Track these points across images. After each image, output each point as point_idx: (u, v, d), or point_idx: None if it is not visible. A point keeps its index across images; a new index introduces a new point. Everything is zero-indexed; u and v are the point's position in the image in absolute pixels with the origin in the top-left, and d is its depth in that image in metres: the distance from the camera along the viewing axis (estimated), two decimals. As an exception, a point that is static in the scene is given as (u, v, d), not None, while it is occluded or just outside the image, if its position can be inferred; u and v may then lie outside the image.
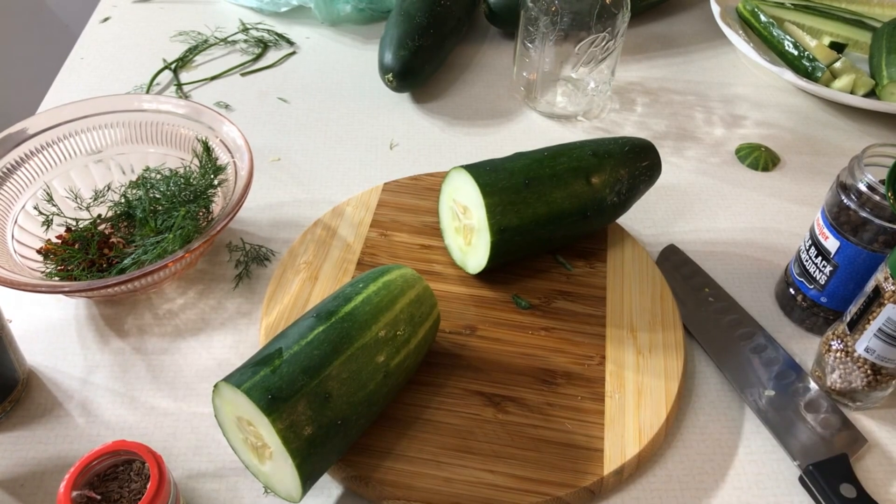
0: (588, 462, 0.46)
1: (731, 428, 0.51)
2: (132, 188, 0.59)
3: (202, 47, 0.84)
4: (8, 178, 0.58)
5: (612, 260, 0.59)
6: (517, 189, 0.52)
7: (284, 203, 0.66)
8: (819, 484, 0.46)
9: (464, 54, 0.85)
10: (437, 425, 0.48)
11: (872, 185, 0.48)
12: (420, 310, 0.47)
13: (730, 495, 0.47)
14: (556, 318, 0.55)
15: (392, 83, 0.75)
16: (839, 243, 0.51)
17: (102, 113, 0.62)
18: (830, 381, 0.51)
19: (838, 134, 0.76)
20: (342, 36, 0.88)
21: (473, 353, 0.52)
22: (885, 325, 0.46)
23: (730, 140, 0.74)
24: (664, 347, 0.53)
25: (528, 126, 0.76)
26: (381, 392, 0.44)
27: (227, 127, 0.60)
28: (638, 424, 0.48)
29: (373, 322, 0.44)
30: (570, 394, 0.50)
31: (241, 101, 0.78)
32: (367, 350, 0.43)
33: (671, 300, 0.56)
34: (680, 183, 0.70)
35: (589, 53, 0.71)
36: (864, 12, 0.87)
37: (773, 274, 0.60)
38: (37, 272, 0.55)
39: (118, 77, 0.80)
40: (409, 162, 0.71)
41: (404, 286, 0.47)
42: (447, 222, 0.58)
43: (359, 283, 0.46)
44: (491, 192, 0.52)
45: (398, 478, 0.45)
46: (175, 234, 0.54)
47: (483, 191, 0.52)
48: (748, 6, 0.86)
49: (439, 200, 0.58)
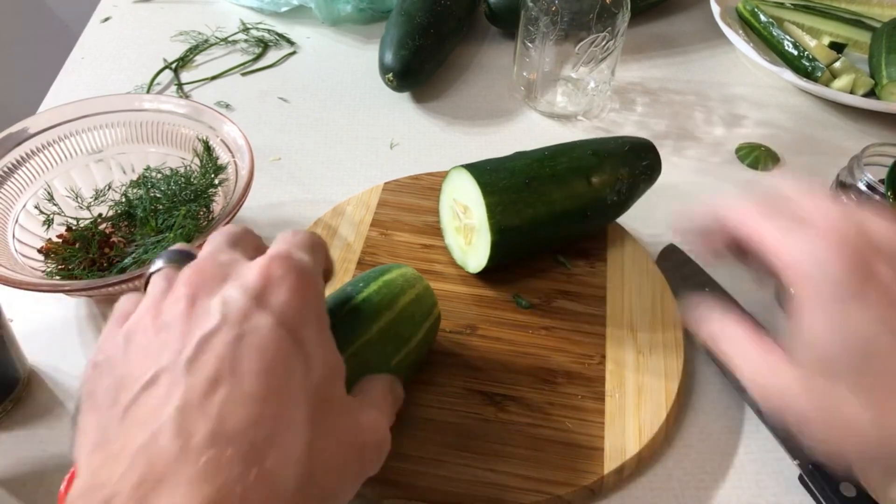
0: (588, 461, 0.46)
1: (731, 427, 0.51)
2: (133, 187, 0.59)
3: (202, 47, 0.84)
4: (9, 177, 0.58)
5: (613, 259, 0.59)
6: (518, 189, 0.52)
7: (285, 202, 0.66)
8: (819, 483, 0.46)
9: (464, 54, 0.85)
10: (437, 424, 0.48)
11: (872, 184, 0.48)
12: (421, 309, 0.47)
13: (730, 494, 0.47)
14: (557, 318, 0.55)
15: (392, 83, 0.75)
16: (839, 243, 0.51)
17: (103, 112, 0.62)
18: (830, 380, 0.51)
19: (838, 134, 0.76)
20: (343, 36, 0.88)
21: (474, 353, 0.52)
22: (885, 325, 0.46)
23: (730, 140, 0.74)
24: (664, 347, 0.53)
25: (529, 126, 0.76)
26: None
27: (227, 126, 0.60)
28: (638, 423, 0.48)
29: (373, 321, 0.44)
30: (571, 393, 0.50)
31: (241, 101, 0.78)
32: (367, 349, 0.43)
33: (671, 300, 0.56)
34: (680, 182, 0.70)
35: (589, 53, 0.71)
36: (864, 12, 0.87)
37: (773, 273, 0.60)
38: (38, 271, 0.55)
39: (119, 77, 0.81)
40: (409, 161, 0.71)
41: (405, 285, 0.47)
42: (447, 222, 0.58)
43: (359, 282, 0.47)
44: (492, 191, 0.52)
45: (398, 477, 0.45)
46: (176, 233, 0.54)
47: (484, 190, 0.52)
48: (748, 6, 0.86)
49: (440, 200, 0.58)
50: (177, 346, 0.29)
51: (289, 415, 0.28)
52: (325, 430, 0.30)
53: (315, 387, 0.30)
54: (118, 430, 0.28)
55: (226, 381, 0.28)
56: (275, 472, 0.27)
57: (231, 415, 0.27)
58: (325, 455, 0.29)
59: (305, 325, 0.31)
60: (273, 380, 0.29)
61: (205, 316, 0.30)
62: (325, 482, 0.29)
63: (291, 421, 0.28)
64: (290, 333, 0.30)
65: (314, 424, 0.29)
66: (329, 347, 0.32)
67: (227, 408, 0.27)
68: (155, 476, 0.26)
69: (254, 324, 0.30)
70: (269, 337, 0.29)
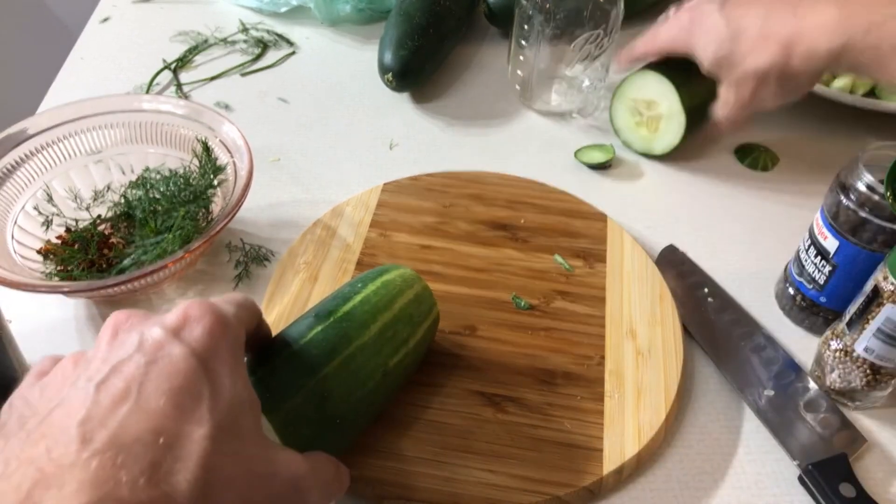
0: (588, 462, 0.46)
1: (730, 428, 0.51)
2: (132, 188, 0.59)
3: (202, 47, 0.84)
4: (8, 178, 0.58)
5: (612, 260, 0.59)
6: (688, 78, 0.67)
7: (284, 203, 0.66)
8: (819, 483, 0.46)
9: (463, 54, 0.85)
10: (437, 425, 0.48)
11: (872, 185, 0.48)
12: (419, 309, 0.47)
13: (729, 495, 0.47)
14: (556, 318, 0.55)
15: (392, 83, 0.75)
16: (838, 243, 0.51)
17: (102, 113, 0.62)
18: (830, 380, 0.51)
19: (838, 134, 0.76)
20: (342, 36, 0.88)
21: (473, 354, 0.52)
22: (885, 325, 0.46)
23: (729, 140, 0.74)
24: (664, 347, 0.53)
25: (528, 125, 0.76)
26: (380, 391, 0.44)
27: (226, 127, 0.60)
28: (637, 424, 0.48)
29: (371, 322, 0.44)
30: (570, 394, 0.50)
31: (240, 102, 0.78)
32: (365, 350, 0.43)
33: (670, 300, 0.56)
34: (679, 183, 0.70)
35: (584, 51, 0.71)
36: (864, 12, 0.86)
37: (773, 274, 0.60)
38: (37, 272, 0.55)
39: (118, 77, 0.80)
40: (408, 162, 0.71)
41: (403, 286, 0.47)
42: (625, 121, 0.71)
43: (357, 282, 0.47)
44: (677, 82, 0.66)
45: (398, 478, 0.45)
46: (175, 234, 0.54)
47: (673, 82, 0.66)
48: (748, 6, 0.86)
49: (612, 107, 0.72)
50: (91, 373, 0.30)
51: (189, 429, 0.29)
52: (229, 451, 0.30)
53: (223, 412, 0.30)
54: (19, 453, 0.28)
55: (131, 398, 0.29)
56: (168, 479, 0.27)
57: (131, 426, 0.28)
58: (225, 474, 0.29)
59: (217, 358, 0.32)
60: (178, 399, 0.29)
61: (121, 347, 0.31)
62: (231, 497, 0.29)
63: (192, 435, 0.29)
64: (201, 363, 0.31)
65: (217, 443, 0.29)
66: (242, 384, 0.33)
67: (128, 419, 0.28)
68: (45, 483, 0.26)
69: (166, 352, 0.31)
70: (179, 364, 0.30)
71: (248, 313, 0.37)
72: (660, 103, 0.68)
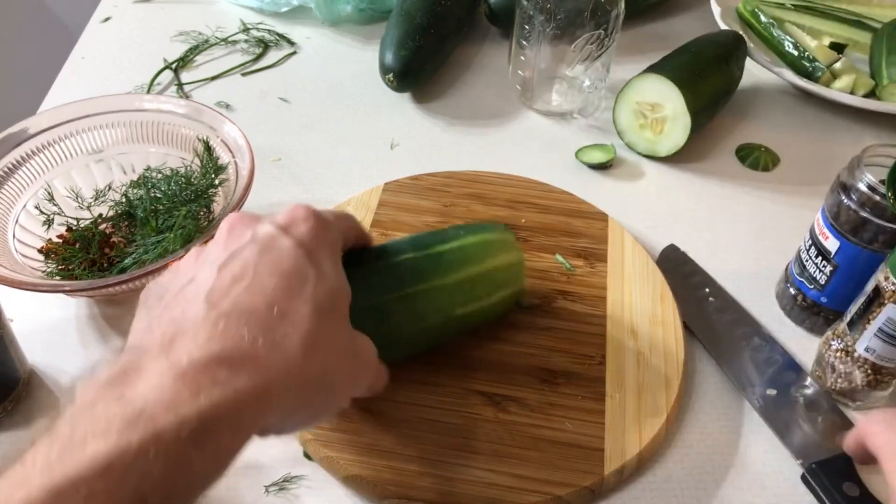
0: (588, 461, 0.46)
1: (731, 427, 0.51)
2: (133, 188, 0.59)
3: (203, 47, 0.84)
4: (9, 177, 0.58)
5: (613, 260, 0.59)
6: (693, 80, 0.68)
7: (285, 203, 0.66)
8: (822, 482, 0.46)
9: (464, 54, 0.85)
10: (437, 425, 0.48)
11: (872, 185, 0.48)
12: (505, 276, 0.49)
13: (731, 495, 0.47)
14: (557, 318, 0.55)
15: (393, 83, 0.75)
16: (839, 243, 0.51)
17: (103, 113, 0.62)
18: (831, 380, 0.51)
19: (838, 134, 0.76)
20: (343, 36, 0.88)
21: (474, 353, 0.52)
22: (886, 325, 0.46)
23: (730, 140, 0.74)
24: (664, 347, 0.53)
25: (529, 125, 0.76)
26: (433, 333, 0.48)
27: (227, 127, 0.60)
28: (638, 424, 0.48)
29: (456, 269, 0.46)
30: (571, 393, 0.50)
31: (241, 101, 0.78)
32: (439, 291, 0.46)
33: (671, 300, 0.56)
34: (680, 183, 0.70)
35: (584, 51, 0.71)
36: (864, 13, 0.87)
37: (773, 274, 0.60)
38: (38, 271, 0.55)
39: (119, 77, 0.80)
40: (409, 162, 0.71)
41: (500, 248, 0.49)
42: (629, 123, 0.71)
43: (461, 229, 0.49)
44: (681, 84, 0.67)
45: (398, 477, 0.45)
46: (176, 233, 0.54)
47: (678, 85, 0.67)
48: (748, 7, 0.86)
49: (615, 110, 0.72)
50: (213, 258, 0.36)
51: (297, 304, 0.35)
52: (326, 326, 0.36)
53: (324, 294, 0.36)
54: (160, 315, 0.34)
55: (248, 277, 0.35)
56: (284, 340, 0.33)
57: (248, 298, 0.34)
58: (326, 341, 0.36)
59: (320, 251, 0.37)
60: (288, 280, 0.35)
61: (238, 239, 0.37)
62: (325, 361, 0.35)
63: (300, 309, 0.35)
64: (307, 254, 0.37)
65: (319, 316, 0.35)
66: (339, 275, 0.38)
67: (246, 293, 0.34)
68: (181, 334, 0.32)
69: (277, 244, 0.36)
70: (288, 253, 0.36)
71: (346, 224, 0.42)
72: (664, 105, 0.69)
